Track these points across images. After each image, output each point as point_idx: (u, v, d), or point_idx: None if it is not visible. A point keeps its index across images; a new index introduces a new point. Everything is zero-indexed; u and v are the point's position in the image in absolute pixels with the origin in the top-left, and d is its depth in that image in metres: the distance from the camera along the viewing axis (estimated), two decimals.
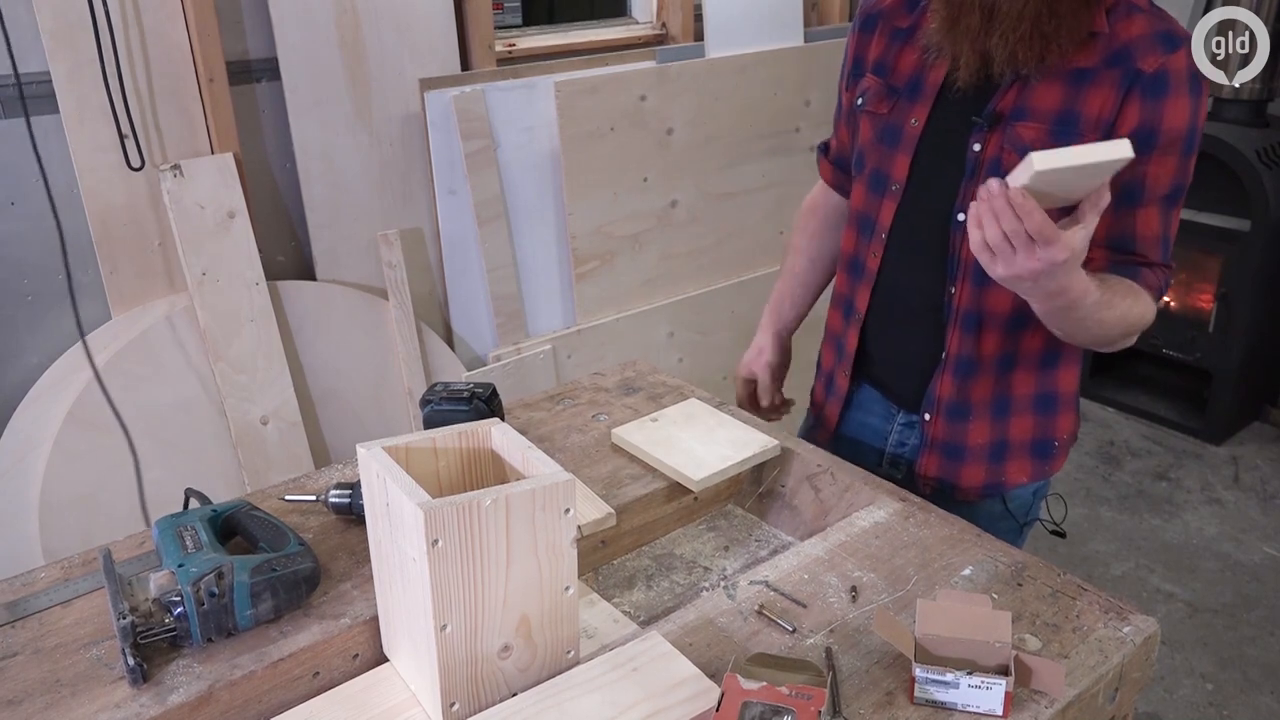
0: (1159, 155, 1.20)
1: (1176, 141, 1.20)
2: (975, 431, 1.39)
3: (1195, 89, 1.19)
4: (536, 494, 0.89)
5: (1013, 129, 1.24)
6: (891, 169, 1.37)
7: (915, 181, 1.35)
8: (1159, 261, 1.26)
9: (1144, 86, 1.18)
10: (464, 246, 2.60)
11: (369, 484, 0.95)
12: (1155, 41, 1.19)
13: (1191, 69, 1.19)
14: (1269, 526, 3.00)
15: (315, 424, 2.43)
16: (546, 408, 1.53)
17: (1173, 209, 1.25)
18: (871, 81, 1.40)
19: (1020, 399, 1.38)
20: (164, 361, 2.18)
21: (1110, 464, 3.36)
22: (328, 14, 2.30)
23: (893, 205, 1.37)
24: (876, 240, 1.40)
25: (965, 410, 1.38)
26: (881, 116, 1.38)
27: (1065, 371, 1.39)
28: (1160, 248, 1.26)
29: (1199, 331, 3.42)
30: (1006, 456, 1.41)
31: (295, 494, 1.25)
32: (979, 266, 1.23)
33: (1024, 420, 1.40)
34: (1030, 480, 1.44)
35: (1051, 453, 1.43)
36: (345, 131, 2.40)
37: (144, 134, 2.12)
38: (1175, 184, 1.23)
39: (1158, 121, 1.19)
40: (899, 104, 1.36)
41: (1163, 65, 1.18)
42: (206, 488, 1.25)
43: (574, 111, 2.63)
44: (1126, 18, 1.21)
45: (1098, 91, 1.20)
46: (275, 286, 2.31)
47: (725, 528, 1.35)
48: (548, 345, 2.74)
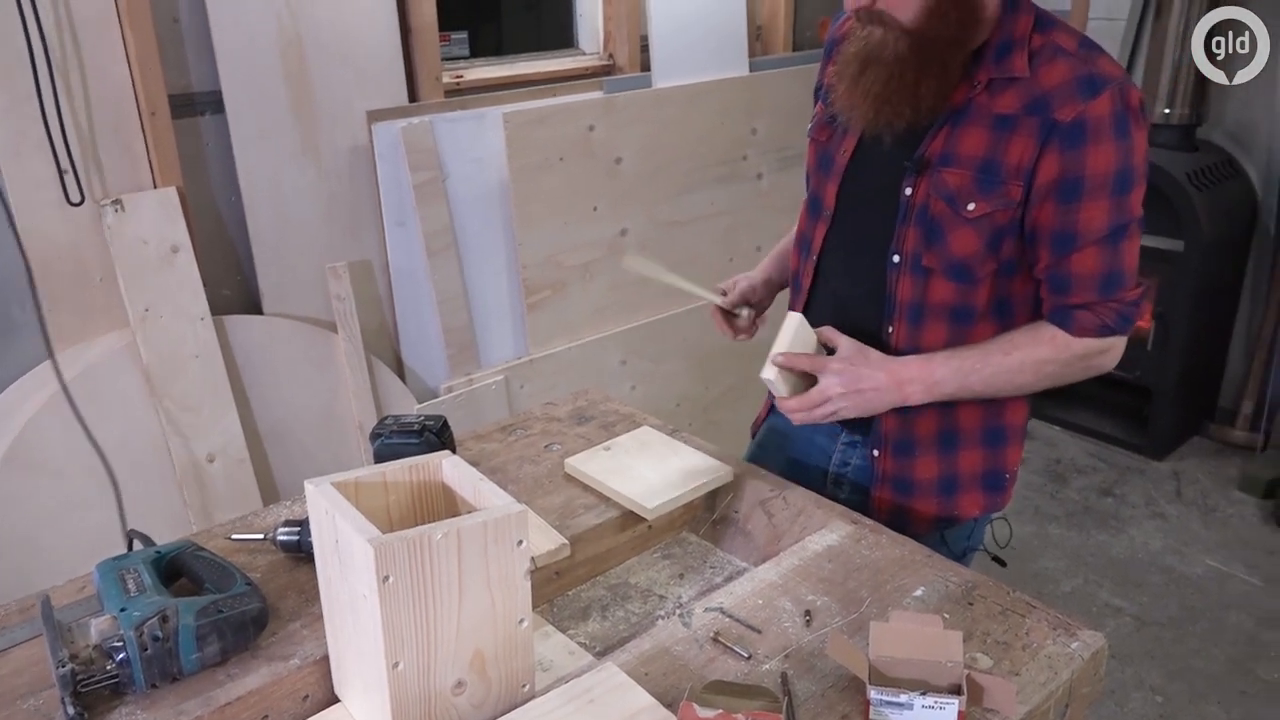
0: (1087, 201, 1.20)
1: (1104, 185, 1.19)
2: (923, 466, 1.40)
3: (1121, 130, 1.18)
4: (488, 526, 0.89)
5: (939, 175, 1.26)
6: (824, 195, 1.40)
7: (843, 210, 1.38)
8: (1103, 299, 1.25)
9: (1061, 136, 1.18)
10: (414, 278, 2.59)
11: (318, 521, 0.94)
12: (1075, 89, 1.18)
13: (1116, 112, 1.18)
14: (1210, 539, 3.07)
15: (263, 460, 2.39)
16: (499, 439, 1.53)
17: (1119, 244, 1.23)
18: (820, 108, 1.44)
19: (968, 433, 1.39)
20: (106, 400, 2.13)
21: (1057, 482, 3.42)
22: (272, 46, 2.29)
23: (823, 229, 1.41)
24: (810, 261, 1.44)
25: (911, 445, 1.39)
26: (821, 144, 1.42)
27: (1013, 405, 1.39)
28: (1106, 284, 1.24)
29: (1139, 350, 3.50)
30: (957, 490, 1.42)
31: (242, 533, 1.23)
32: (916, 308, 1.31)
33: (973, 454, 1.40)
34: (983, 512, 1.45)
35: (1002, 485, 1.44)
36: (292, 164, 2.38)
37: (84, 169, 2.09)
38: (1114, 223, 1.22)
39: (1080, 170, 1.19)
40: (834, 134, 1.39)
41: (1080, 114, 1.17)
42: (150, 529, 1.23)
43: (523, 142, 2.64)
44: (1050, 63, 1.21)
45: (1018, 139, 1.21)
46: (221, 321, 2.28)
47: (680, 555, 1.35)
48: (500, 376, 2.73)
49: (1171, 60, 3.31)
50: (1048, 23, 1.24)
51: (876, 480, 1.43)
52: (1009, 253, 1.26)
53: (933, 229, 1.27)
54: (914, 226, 1.29)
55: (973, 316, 1.31)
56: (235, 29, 2.23)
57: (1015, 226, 1.24)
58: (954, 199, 1.25)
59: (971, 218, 1.24)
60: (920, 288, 1.30)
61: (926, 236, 1.28)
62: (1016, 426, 1.42)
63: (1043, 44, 1.22)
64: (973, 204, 1.24)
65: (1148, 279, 3.46)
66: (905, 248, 1.30)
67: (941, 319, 1.31)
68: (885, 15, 1.19)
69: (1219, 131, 3.52)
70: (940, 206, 1.26)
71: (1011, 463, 1.44)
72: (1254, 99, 3.42)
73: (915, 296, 1.31)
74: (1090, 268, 1.23)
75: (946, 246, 1.27)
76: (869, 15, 1.21)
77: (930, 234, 1.27)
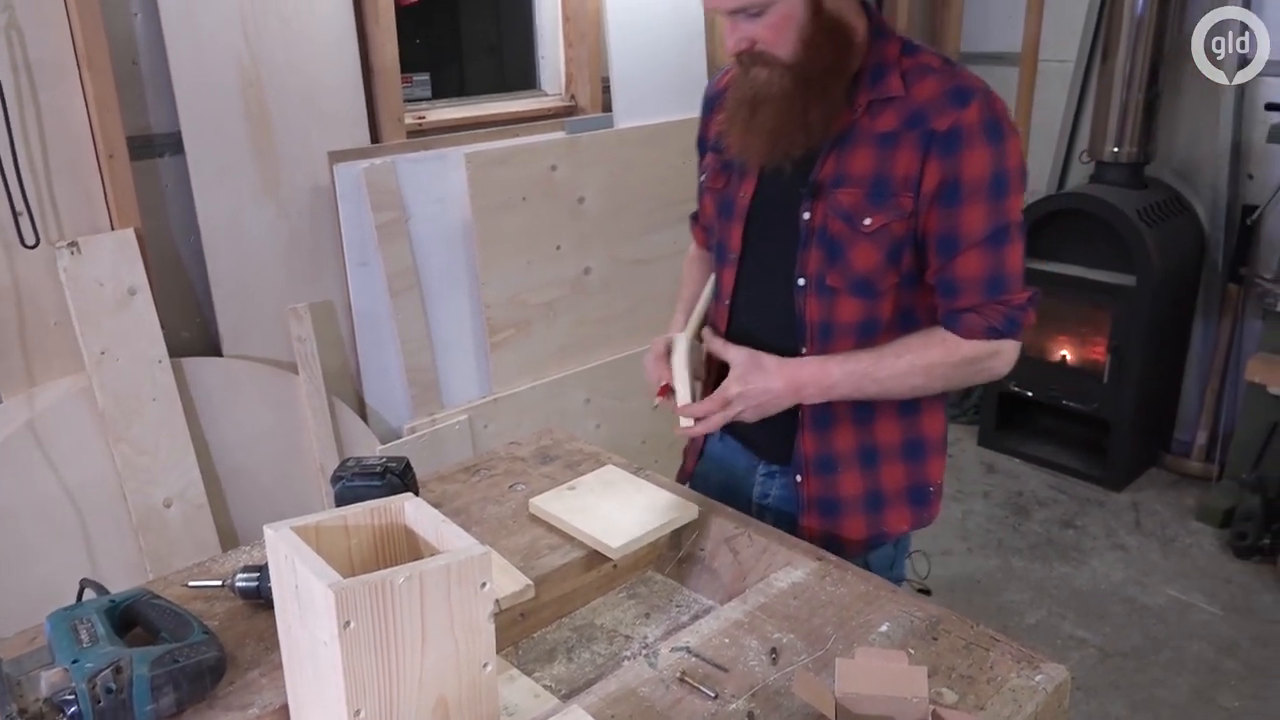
0: (967, 205, 1.27)
1: (981, 188, 1.26)
2: (847, 483, 1.44)
3: (993, 136, 1.25)
4: (451, 569, 0.88)
5: (834, 196, 1.32)
6: (729, 240, 1.45)
7: (750, 250, 1.43)
8: (990, 301, 1.31)
9: (939, 144, 1.26)
10: (376, 318, 2.58)
11: (277, 566, 0.92)
12: (946, 100, 1.26)
13: (987, 119, 1.25)
14: (1170, 569, 3.11)
15: (222, 505, 2.35)
16: (462, 479, 1.52)
17: (1002, 247, 1.29)
18: (711, 159, 1.50)
19: (887, 447, 1.43)
20: (59, 446, 2.09)
21: (1019, 514, 3.45)
22: (233, 88, 2.28)
23: (732, 273, 1.45)
24: (723, 306, 1.48)
25: (832, 463, 1.43)
26: (719, 191, 1.48)
27: (929, 417, 1.44)
28: (990, 286, 1.30)
29: (1095, 382, 3.56)
30: (884, 506, 1.45)
31: (200, 579, 1.21)
32: (825, 328, 1.37)
33: (895, 469, 1.44)
34: (910, 527, 1.49)
35: (928, 499, 1.48)
36: (252, 205, 2.37)
37: (39, 211, 2.06)
38: (994, 225, 1.28)
39: (957, 174, 1.26)
40: (732, 179, 1.44)
41: (955, 122, 1.25)
42: (105, 577, 1.20)
43: (485, 182, 2.65)
44: (920, 80, 1.29)
45: (902, 153, 1.28)
46: (179, 364, 2.25)
47: (645, 594, 1.34)
48: (463, 415, 2.71)
49: (1119, 100, 3.41)
50: (913, 48, 1.33)
51: (803, 507, 1.45)
52: (908, 264, 1.33)
53: (833, 248, 1.33)
54: (815, 248, 1.35)
55: (879, 330, 1.36)
56: (195, 71, 2.22)
57: (911, 237, 1.31)
58: (850, 216, 1.32)
59: (869, 232, 1.31)
60: (827, 307, 1.36)
61: (828, 256, 1.34)
62: (935, 439, 1.46)
63: (912, 65, 1.31)
64: (869, 219, 1.30)
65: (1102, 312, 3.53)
66: (809, 270, 1.36)
67: (850, 336, 1.36)
68: (766, 55, 1.27)
69: (1167, 169, 3.61)
70: (838, 225, 1.32)
71: (934, 475, 1.48)
72: (1199, 138, 3.52)
73: (823, 316, 1.37)
74: (974, 270, 1.29)
75: (848, 263, 1.33)
76: (751, 58, 1.29)
77: (832, 253, 1.34)
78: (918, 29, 3.98)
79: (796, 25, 1.24)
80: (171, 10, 2.17)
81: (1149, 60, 3.34)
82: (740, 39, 1.27)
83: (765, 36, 1.25)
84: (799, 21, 1.24)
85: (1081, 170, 3.75)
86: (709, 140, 1.52)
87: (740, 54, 1.28)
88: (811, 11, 1.24)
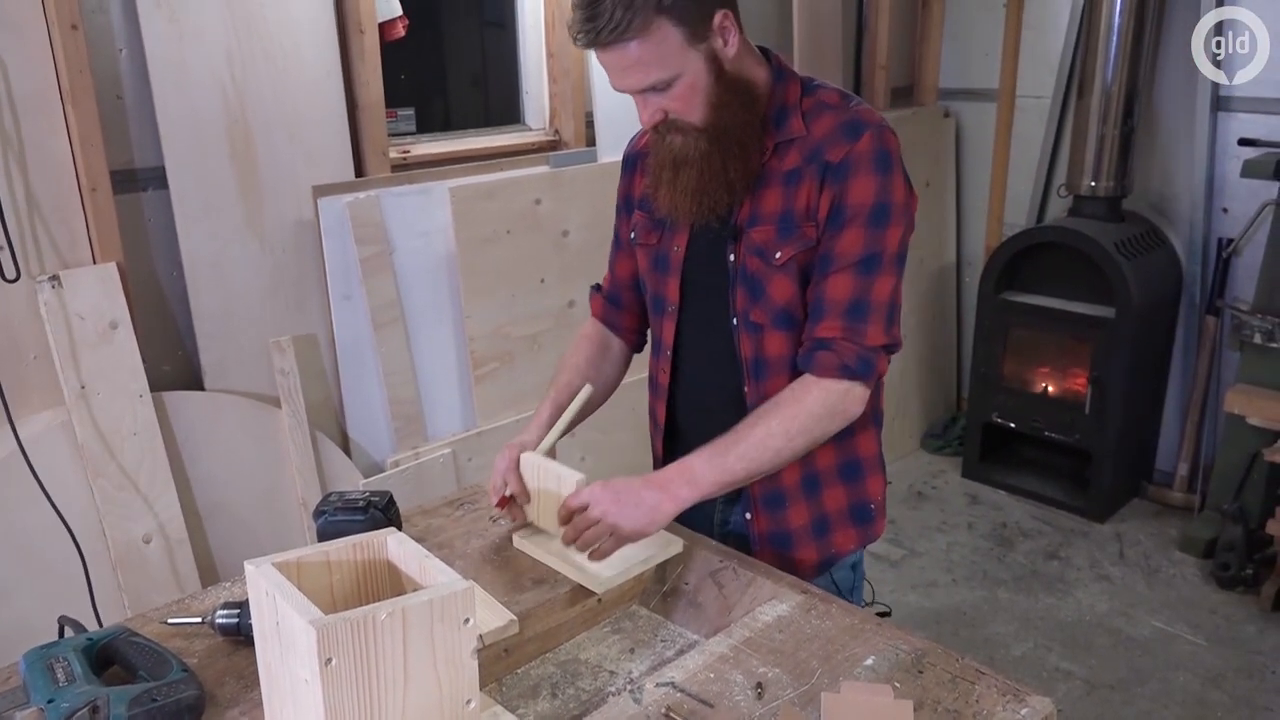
0: (847, 229, 1.31)
1: (861, 214, 1.30)
2: (795, 514, 1.46)
3: (881, 167, 1.30)
4: (434, 604, 0.87)
5: (749, 235, 1.37)
6: (666, 292, 1.49)
7: (689, 299, 1.47)
8: (847, 336, 1.31)
9: (832, 174, 1.31)
10: (360, 351, 2.57)
11: (258, 602, 0.91)
12: (841, 134, 1.32)
13: (877, 150, 1.30)
14: (1155, 600, 3.12)
15: (203, 540, 2.33)
16: (445, 513, 1.51)
17: (871, 275, 1.31)
18: (640, 216, 1.53)
19: (826, 472, 1.46)
20: (37, 481, 2.06)
21: (1004, 545, 3.45)
22: (218, 122, 2.29)
23: (672, 324, 1.49)
24: (664, 358, 1.51)
25: (780, 497, 1.46)
26: (652, 247, 1.51)
27: (863, 438, 1.47)
28: (852, 311, 1.31)
29: (1076, 414, 3.59)
30: (830, 529, 1.48)
31: (179, 616, 1.20)
32: (757, 363, 1.41)
33: (835, 491, 1.47)
34: (858, 545, 1.51)
35: (870, 515, 1.51)
36: (236, 239, 2.37)
37: (20, 245, 2.05)
38: (867, 252, 1.31)
39: (843, 199, 1.31)
40: (664, 234, 1.48)
41: (847, 153, 1.30)
42: (83, 614, 1.19)
43: (470, 216, 2.66)
44: (818, 117, 1.34)
45: (804, 187, 1.33)
46: (161, 398, 2.24)
47: (630, 629, 1.33)
48: (447, 449, 2.70)
49: (1096, 135, 3.46)
50: (812, 86, 1.38)
51: (755, 542, 1.48)
52: None
53: (754, 285, 1.38)
54: (740, 287, 1.39)
55: None
56: (180, 106, 2.23)
57: None
58: (763, 252, 1.36)
59: (780, 265, 1.35)
60: (757, 343, 1.40)
61: (751, 293, 1.38)
62: (871, 457, 1.49)
63: (811, 104, 1.36)
64: (779, 252, 1.35)
65: (1082, 344, 3.55)
66: (739, 308, 1.40)
67: (782, 371, 1.39)
68: (679, 123, 1.31)
69: (1143, 203, 3.67)
70: (755, 262, 1.37)
71: (874, 493, 1.51)
72: (1174, 173, 3.58)
73: (755, 352, 1.41)
74: (840, 292, 1.32)
75: (769, 298, 1.37)
76: (665, 127, 1.33)
77: (754, 290, 1.38)
78: (897, 66, 4.04)
79: (703, 92, 1.29)
80: (157, 47, 2.18)
81: (1124, 96, 3.39)
82: (653, 112, 1.30)
83: (675, 107, 1.29)
84: (704, 88, 1.28)
85: (1060, 203, 3.80)
86: (635, 199, 1.55)
87: (655, 125, 1.33)
88: (714, 76, 1.29)
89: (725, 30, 1.28)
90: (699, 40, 1.26)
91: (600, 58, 1.27)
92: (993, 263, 3.71)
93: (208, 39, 2.24)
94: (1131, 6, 3.30)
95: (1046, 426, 3.69)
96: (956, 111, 4.17)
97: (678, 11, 1.22)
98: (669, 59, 1.25)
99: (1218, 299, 3.45)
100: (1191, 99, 3.44)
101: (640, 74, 1.26)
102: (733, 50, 1.30)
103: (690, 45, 1.25)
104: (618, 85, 1.29)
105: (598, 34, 1.22)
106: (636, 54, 1.24)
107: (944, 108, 4.15)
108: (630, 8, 1.20)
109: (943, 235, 4.21)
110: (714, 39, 1.28)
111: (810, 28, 3.52)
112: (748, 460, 1.31)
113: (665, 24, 1.22)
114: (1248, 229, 3.37)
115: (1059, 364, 3.71)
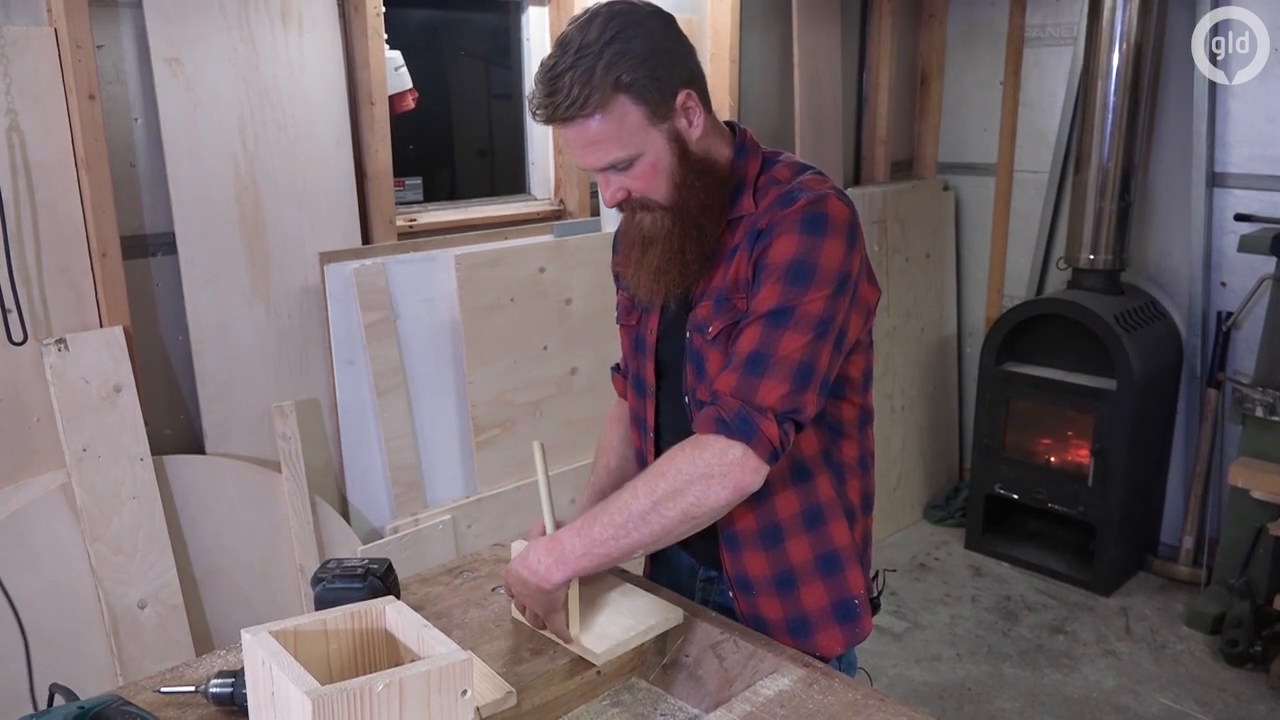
0: (765, 284, 1.25)
1: (778, 269, 1.24)
2: (767, 606, 1.39)
3: (810, 228, 1.24)
4: (432, 675, 0.86)
5: (695, 313, 1.35)
6: (645, 374, 1.47)
7: (663, 380, 1.45)
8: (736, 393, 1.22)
9: (761, 239, 1.27)
10: (362, 417, 2.58)
11: (253, 672, 0.90)
12: (775, 204, 1.28)
13: (808, 213, 1.24)
14: (1162, 677, 3.07)
15: (198, 606, 2.31)
16: (444, 582, 1.50)
17: (779, 328, 1.23)
18: (622, 296, 1.52)
19: (802, 567, 1.38)
20: (34, 544, 2.05)
21: (1009, 619, 3.41)
22: (228, 191, 2.33)
23: (652, 404, 1.46)
24: (649, 439, 1.48)
25: (749, 584, 1.40)
26: (632, 328, 1.50)
27: (836, 527, 1.39)
28: (751, 362, 1.23)
29: (1080, 485, 3.57)
30: (812, 630, 1.39)
31: (172, 685, 1.18)
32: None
33: (814, 588, 1.39)
34: (845, 647, 1.41)
35: (855, 613, 1.41)
36: (242, 304, 2.39)
37: (29, 308, 2.07)
38: (780, 304, 1.23)
39: (764, 257, 1.26)
40: (641, 316, 1.47)
41: (774, 218, 1.26)
42: (75, 681, 1.17)
43: (474, 283, 2.68)
44: (767, 192, 1.31)
45: (739, 260, 1.30)
46: (161, 461, 2.23)
47: (630, 702, 1.31)
48: (447, 515, 2.69)
49: (1093, 209, 3.50)
50: (771, 161, 1.35)
51: (741, 621, 1.42)
52: None
53: (699, 361, 1.35)
54: (689, 364, 1.37)
55: None
56: (192, 175, 2.27)
57: None
58: (701, 328, 1.34)
59: (713, 338, 1.32)
60: None
61: (697, 370, 1.36)
62: (848, 547, 1.40)
63: (765, 180, 1.33)
64: (712, 326, 1.32)
65: (1085, 415, 3.56)
66: (689, 386, 1.38)
67: None
68: (645, 200, 1.29)
69: (1142, 276, 3.70)
70: (697, 339, 1.35)
71: (856, 587, 1.41)
72: (1172, 246, 3.62)
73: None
74: (745, 343, 1.25)
75: (708, 375, 1.33)
76: (631, 205, 1.32)
77: (699, 367, 1.35)
78: (897, 141, 4.12)
79: (665, 172, 1.27)
80: (172, 116, 2.23)
81: (1120, 172, 3.45)
82: (615, 191, 1.29)
83: (638, 186, 1.28)
84: (667, 167, 1.27)
85: (1059, 276, 3.83)
86: (621, 278, 1.52)
87: (620, 204, 1.31)
88: (678, 157, 1.27)
89: (689, 110, 1.27)
90: (661, 119, 1.24)
91: (562, 134, 1.26)
92: (993, 334, 3.73)
93: (221, 108, 2.29)
94: (1126, 85, 3.37)
95: (1050, 498, 3.67)
96: (956, 185, 4.23)
97: (638, 90, 1.21)
98: (629, 137, 1.23)
99: (1219, 372, 3.46)
100: (1187, 174, 3.50)
101: (600, 152, 1.24)
102: (698, 130, 1.28)
103: (652, 124, 1.24)
104: (580, 163, 1.28)
105: (555, 109, 1.22)
106: (596, 131, 1.22)
107: (943, 181, 4.22)
108: (589, 84, 1.19)
109: (943, 306, 4.24)
110: (677, 118, 1.26)
111: (812, 103, 3.59)
112: (615, 527, 1.23)
113: (625, 102, 1.21)
114: (1246, 303, 3.40)
115: (1061, 435, 3.70)
